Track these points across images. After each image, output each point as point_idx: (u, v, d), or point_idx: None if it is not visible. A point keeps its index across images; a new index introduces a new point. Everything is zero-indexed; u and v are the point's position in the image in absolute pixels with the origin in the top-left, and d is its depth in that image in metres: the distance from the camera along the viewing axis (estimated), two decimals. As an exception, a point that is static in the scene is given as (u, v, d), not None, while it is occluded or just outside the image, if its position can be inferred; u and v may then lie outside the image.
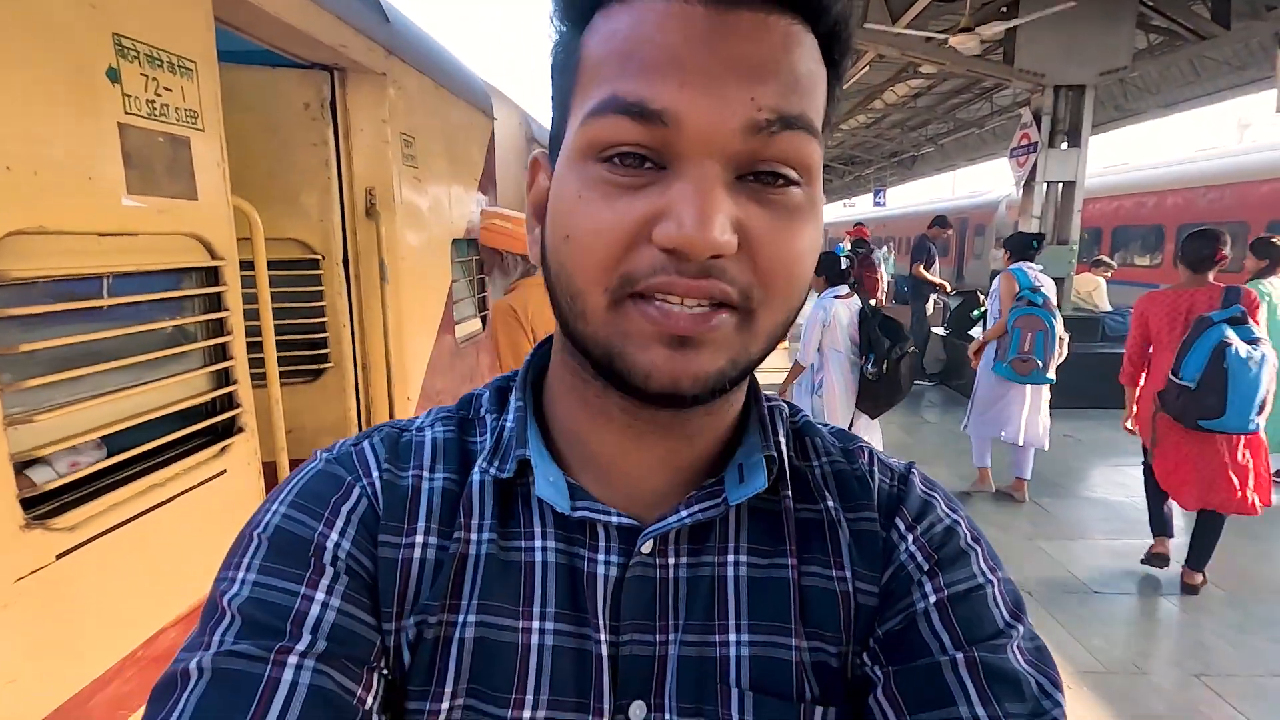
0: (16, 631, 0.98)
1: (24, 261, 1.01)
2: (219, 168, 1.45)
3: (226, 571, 0.39)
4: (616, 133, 0.34)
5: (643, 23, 0.35)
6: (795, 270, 0.37)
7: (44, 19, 1.04)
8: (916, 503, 0.46)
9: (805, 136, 0.36)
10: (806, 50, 0.36)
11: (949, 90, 11.18)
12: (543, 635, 0.40)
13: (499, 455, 0.44)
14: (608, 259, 0.35)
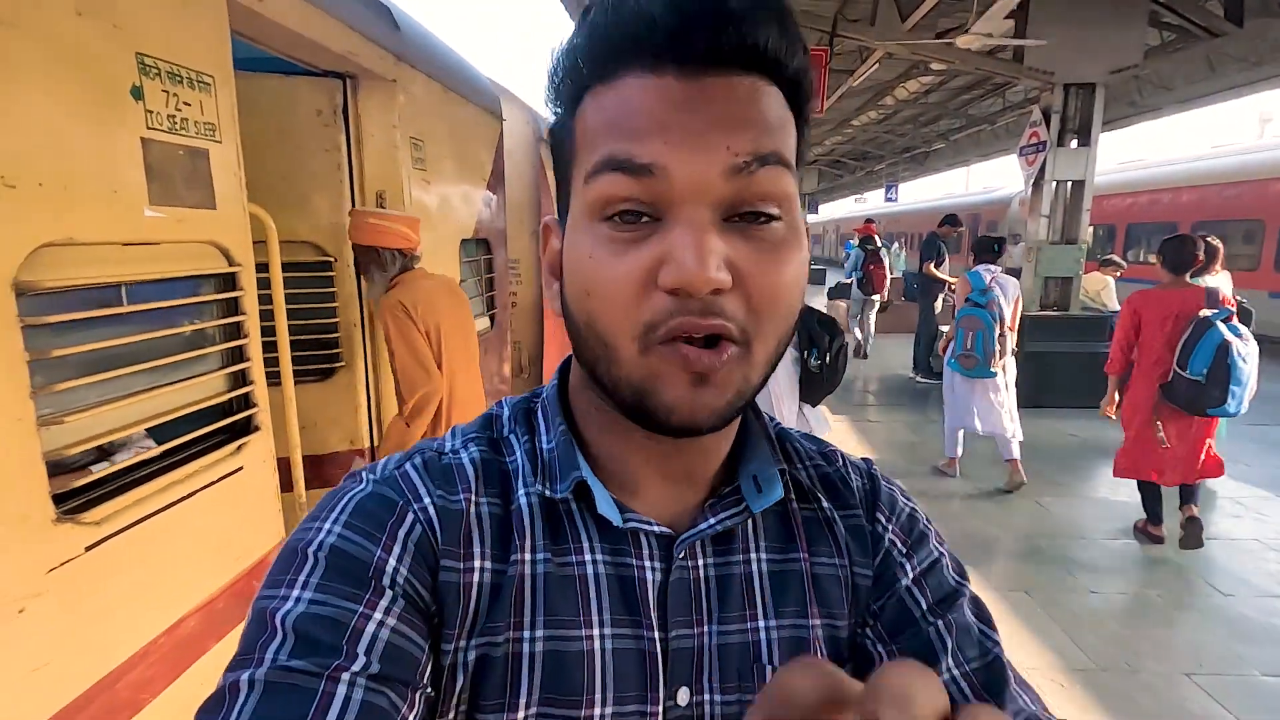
0: (48, 619, 1.05)
1: (55, 272, 1.07)
2: (235, 177, 1.51)
3: (277, 589, 0.39)
4: (613, 188, 0.39)
5: (627, 97, 0.39)
6: (784, 299, 0.40)
7: (72, 41, 1.10)
8: (887, 497, 0.55)
9: (780, 170, 0.39)
10: (772, 100, 0.40)
11: (961, 86, 11.11)
12: (604, 640, 0.44)
13: (548, 476, 0.47)
14: (627, 308, 0.39)
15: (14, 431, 1.00)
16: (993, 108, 12.58)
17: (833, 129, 14.52)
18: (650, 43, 0.38)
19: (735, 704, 0.46)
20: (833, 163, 20.72)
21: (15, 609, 1.00)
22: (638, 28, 0.38)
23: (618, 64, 0.39)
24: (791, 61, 0.40)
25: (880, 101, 11.64)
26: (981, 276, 4.30)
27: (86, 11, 1.12)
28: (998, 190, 18.70)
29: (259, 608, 0.39)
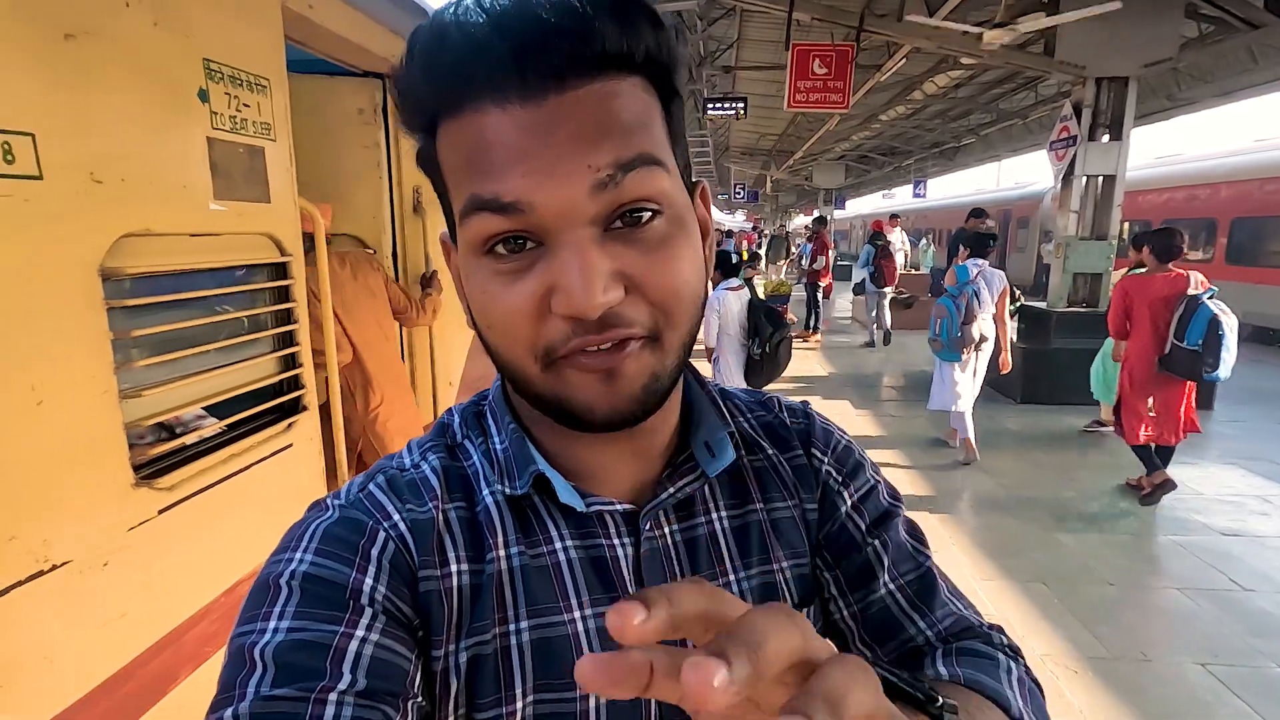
0: (128, 573, 1.16)
1: (134, 259, 1.18)
2: (288, 173, 1.62)
3: (253, 624, 0.39)
4: (488, 226, 0.38)
5: (478, 132, 0.38)
6: (683, 292, 0.41)
7: (150, 50, 1.21)
8: (822, 432, 0.58)
9: (648, 170, 0.38)
10: (625, 96, 0.38)
11: (991, 80, 10.94)
12: (585, 621, 0.45)
13: (505, 474, 0.48)
14: (526, 336, 0.40)
15: (101, 404, 1.11)
16: (1024, 101, 12.36)
17: (859, 124, 14.38)
18: (486, 72, 0.36)
19: None
20: (859, 158, 20.49)
21: (101, 562, 1.11)
22: (471, 57, 0.37)
23: (459, 96, 0.38)
24: (638, 48, 0.38)
25: (908, 96, 11.50)
26: (968, 270, 4.63)
27: (162, 22, 1.22)
28: (1029, 185, 18.36)
29: (235, 646, 0.38)
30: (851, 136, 16.36)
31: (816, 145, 15.81)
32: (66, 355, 1.06)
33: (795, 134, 15.99)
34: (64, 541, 1.05)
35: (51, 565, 1.03)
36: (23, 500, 0.98)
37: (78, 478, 1.08)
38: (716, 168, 26.45)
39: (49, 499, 1.03)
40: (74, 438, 1.07)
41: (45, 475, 1.02)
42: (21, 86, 0.97)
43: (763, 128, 16.12)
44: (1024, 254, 16.88)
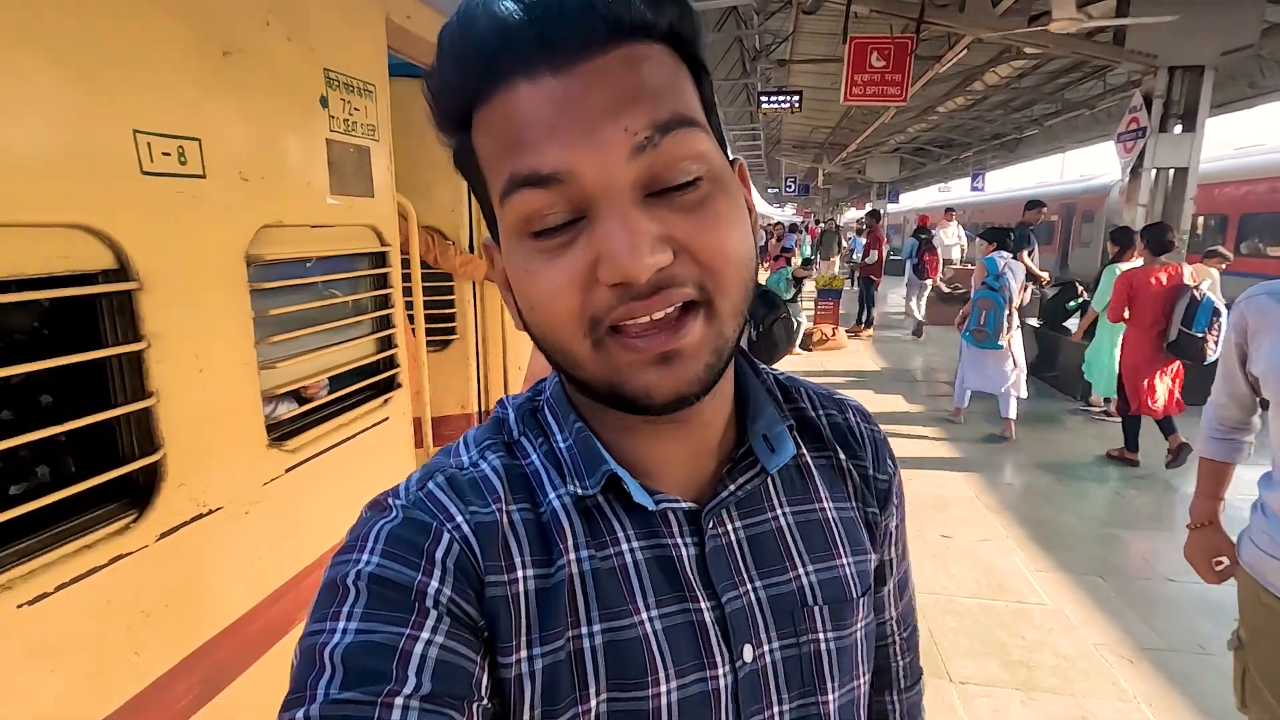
0: (264, 521, 1.33)
1: (270, 248, 1.35)
2: (388, 170, 1.77)
3: (321, 624, 0.39)
4: (529, 203, 0.38)
5: (511, 111, 0.38)
6: (732, 252, 0.40)
7: (283, 63, 1.37)
8: (887, 449, 0.61)
9: (686, 130, 0.38)
10: (654, 62, 0.39)
11: (1057, 70, 10.59)
12: (653, 622, 0.45)
13: (575, 474, 0.47)
14: (572, 311, 0.39)
15: (244, 375, 1.28)
16: (1092, 91, 11.92)
17: (915, 116, 14.09)
18: (514, 53, 0.37)
19: (793, 647, 0.49)
20: (915, 150, 20.05)
21: (243, 510, 1.28)
22: (497, 41, 0.37)
23: (491, 80, 0.38)
24: (661, 17, 0.39)
25: (968, 87, 11.23)
26: (995, 262, 5.07)
27: (293, 37, 1.38)
28: (1096, 178, 17.67)
29: (305, 645, 0.39)
30: (907, 129, 16.03)
31: (871, 138, 15.55)
32: (220, 330, 1.22)
33: (849, 126, 15.76)
34: (218, 490, 1.21)
35: (209, 510, 1.20)
36: (189, 453, 1.15)
37: (228, 436, 1.24)
38: (767, 161, 26.22)
39: (207, 453, 1.19)
40: (225, 401, 1.23)
41: (205, 432, 1.19)
42: (193, 98, 1.14)
43: (815, 120, 15.93)
44: (1089, 249, 16.28)
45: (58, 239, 0.96)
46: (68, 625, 0.97)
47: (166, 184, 1.10)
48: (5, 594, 0.89)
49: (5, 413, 1.08)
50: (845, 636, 0.51)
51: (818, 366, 8.05)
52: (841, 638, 0.51)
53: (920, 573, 3.19)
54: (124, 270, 1.04)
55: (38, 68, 0.91)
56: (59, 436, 1.17)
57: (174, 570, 1.14)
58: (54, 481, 1.02)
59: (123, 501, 1.08)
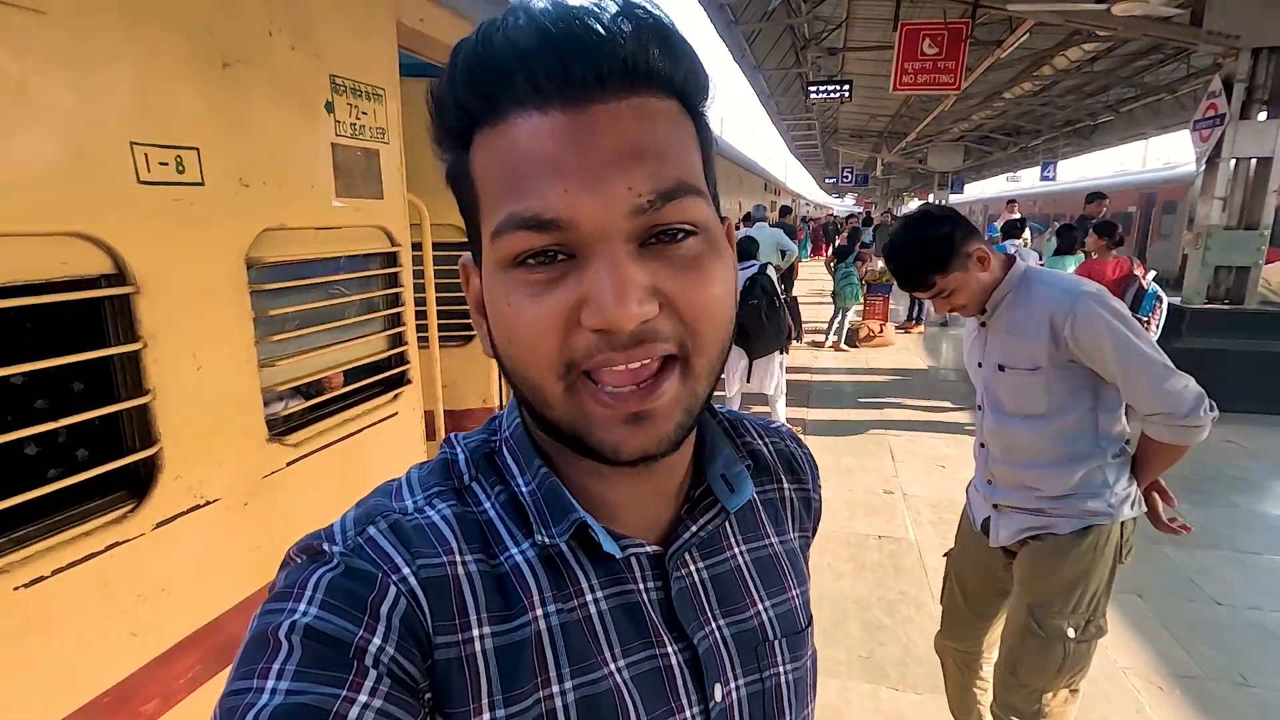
0: (262, 514, 1.39)
1: (271, 250, 1.40)
2: (398, 171, 1.82)
3: (248, 681, 0.36)
4: (522, 243, 0.37)
5: (517, 142, 0.37)
6: (715, 311, 0.40)
7: (287, 72, 1.41)
8: (815, 468, 0.64)
9: (688, 200, 0.38)
10: (664, 117, 0.39)
11: (1134, 52, 9.98)
12: (621, 671, 0.44)
13: (540, 521, 0.45)
14: (550, 350, 0.38)
15: (244, 371, 1.34)
16: (1175, 74, 11.20)
17: (979, 103, 13.53)
18: (529, 79, 0.37)
19: (757, 683, 0.50)
20: (980, 139, 19.24)
21: (242, 502, 1.34)
22: (514, 65, 0.37)
23: (501, 104, 0.38)
24: (676, 71, 0.39)
25: (1036, 72, 10.71)
26: (1006, 249, 5.51)
27: (298, 46, 1.43)
28: (1179, 166, 16.60)
29: (227, 707, 0.35)
30: (971, 116, 15.41)
31: (931, 126, 15.02)
32: (219, 330, 1.28)
33: (909, 115, 15.27)
34: (215, 482, 1.28)
35: (206, 501, 1.26)
36: (186, 447, 1.22)
37: (226, 431, 1.31)
38: (823, 150, 25.63)
39: (205, 447, 1.26)
40: (223, 398, 1.30)
41: (202, 427, 1.25)
42: (191, 109, 1.19)
43: (873, 109, 15.48)
44: (1170, 242, 15.33)
45: (58, 247, 1.02)
46: (64, 607, 1.04)
47: (164, 192, 1.15)
48: (3, 578, 0.96)
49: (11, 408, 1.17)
50: (799, 667, 0.53)
51: (862, 364, 7.86)
52: (797, 668, 0.53)
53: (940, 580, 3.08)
54: (121, 275, 1.10)
55: (38, 86, 0.97)
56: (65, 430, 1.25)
57: (171, 557, 1.21)
58: (61, 472, 1.09)
59: (122, 492, 1.15)
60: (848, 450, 4.93)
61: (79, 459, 1.17)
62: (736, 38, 9.30)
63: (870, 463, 4.68)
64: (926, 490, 4.22)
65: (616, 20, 0.37)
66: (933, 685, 2.38)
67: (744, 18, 8.66)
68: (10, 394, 1.22)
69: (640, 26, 0.37)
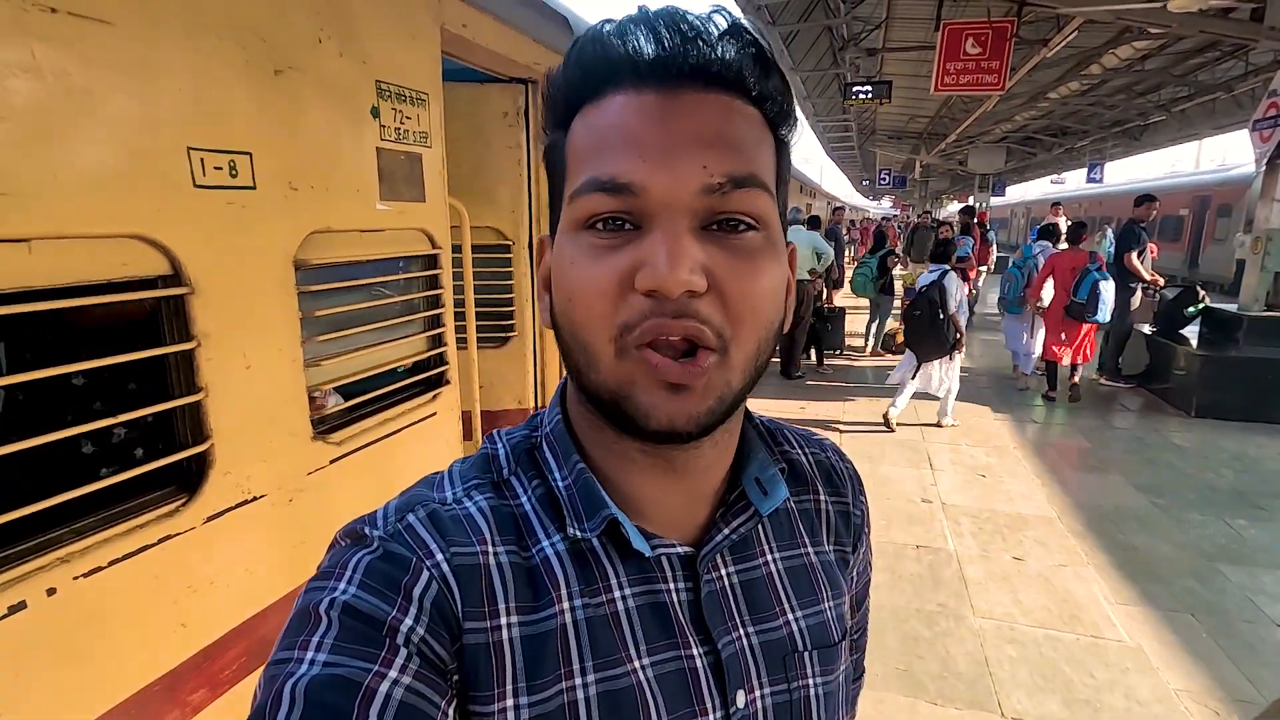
0: (307, 509, 1.42)
1: (318, 252, 1.43)
2: (440, 175, 1.84)
3: (289, 651, 0.38)
4: (596, 205, 0.40)
5: (609, 114, 0.41)
6: (760, 306, 0.42)
7: (335, 78, 1.44)
8: (859, 484, 0.63)
9: (756, 192, 0.41)
10: (746, 119, 0.42)
11: (1188, 50, 9.62)
12: (646, 670, 0.45)
13: (574, 516, 0.46)
14: (605, 310, 0.40)
15: (291, 370, 1.37)
16: (1231, 72, 10.76)
17: (1023, 103, 13.18)
18: (632, 64, 0.41)
19: (784, 693, 0.50)
20: (1023, 140, 18.76)
21: (288, 498, 1.37)
22: (622, 52, 0.41)
23: (604, 83, 0.42)
24: (765, 84, 0.43)
25: (1084, 71, 10.39)
26: (1032, 249, 6.79)
27: (346, 53, 1.46)
28: (1236, 168, 15.95)
29: (270, 675, 0.38)
30: (1014, 117, 15.03)
31: (973, 127, 14.71)
32: (268, 329, 1.31)
33: (949, 115, 14.97)
34: (262, 478, 1.31)
35: (253, 496, 1.29)
36: (235, 444, 1.25)
37: (272, 428, 1.34)
38: (860, 152, 25.30)
39: (252, 444, 1.29)
40: (271, 396, 1.33)
41: (250, 424, 1.28)
42: (245, 115, 1.22)
43: (912, 109, 15.23)
44: (1224, 246, 14.75)
45: (118, 249, 1.06)
46: (119, 597, 1.08)
47: (218, 195, 1.19)
48: (63, 567, 1.00)
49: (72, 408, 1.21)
50: (831, 681, 0.52)
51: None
52: (828, 682, 0.52)
53: (983, 596, 3.02)
54: (177, 276, 1.13)
55: (103, 93, 1.01)
56: (123, 430, 1.29)
57: (220, 551, 1.24)
58: (118, 469, 1.13)
59: (174, 487, 1.19)
60: (884, 458, 4.85)
61: (137, 458, 1.21)
62: (774, 39, 9.24)
63: (908, 471, 4.59)
64: (966, 500, 4.12)
65: (720, 28, 0.41)
66: (971, 700, 2.33)
67: (782, 19, 8.60)
68: (72, 394, 1.27)
69: (740, 39, 0.42)
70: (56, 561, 0.99)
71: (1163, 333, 6.49)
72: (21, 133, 0.91)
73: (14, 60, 0.90)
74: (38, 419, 1.34)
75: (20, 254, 0.92)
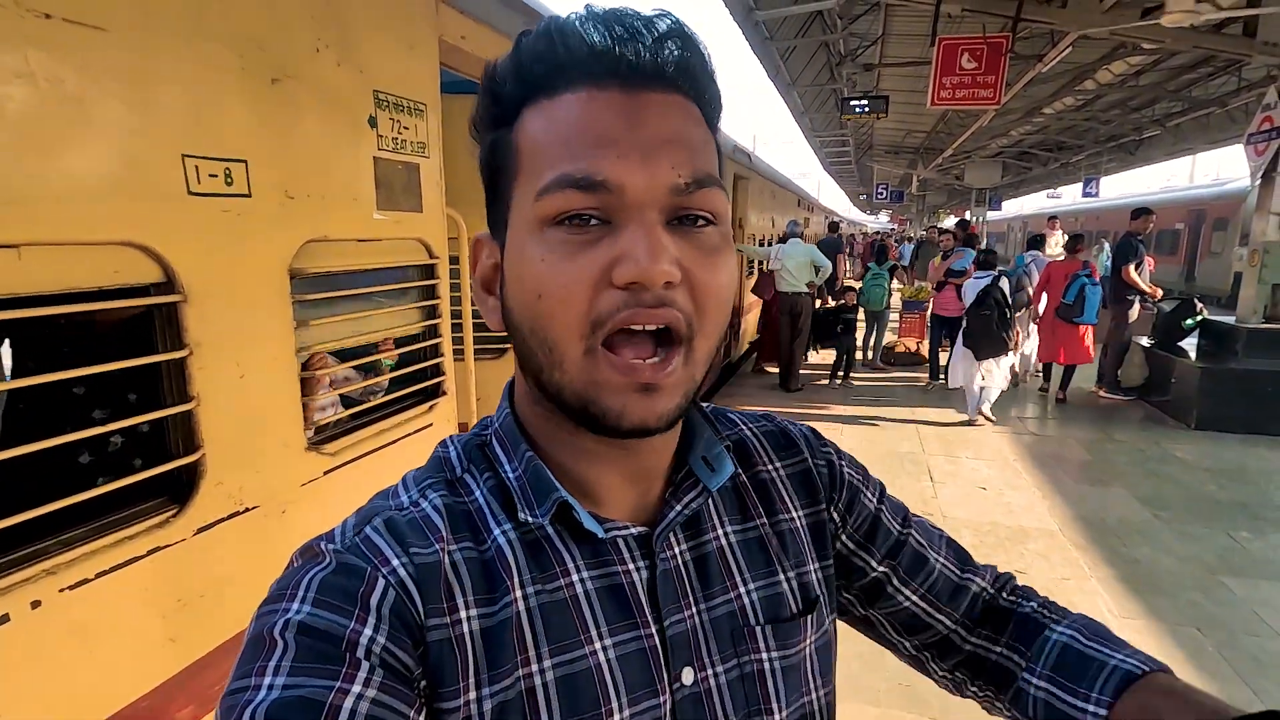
0: (300, 521, 1.40)
1: (315, 261, 1.42)
2: (438, 186, 1.84)
3: (245, 679, 0.37)
4: (569, 203, 0.40)
5: (574, 111, 0.41)
6: (723, 297, 0.44)
7: (332, 88, 1.44)
8: (829, 442, 0.63)
9: (715, 190, 0.43)
10: (696, 121, 0.44)
11: (1181, 65, 9.69)
12: (606, 651, 0.45)
13: (525, 503, 0.47)
14: (580, 307, 0.40)
15: (285, 380, 1.36)
16: (1224, 87, 10.83)
17: (1019, 118, 13.26)
18: (591, 59, 0.41)
19: (735, 669, 0.50)
20: (1019, 154, 18.87)
21: (280, 509, 1.35)
22: (579, 44, 0.41)
23: (560, 78, 0.42)
24: (710, 85, 0.45)
25: (1078, 86, 10.46)
26: (1024, 258, 7.27)
27: (343, 63, 1.46)
28: (1230, 182, 16.06)
29: (226, 706, 0.36)
30: (1010, 131, 15.13)
31: (969, 142, 14.80)
32: (262, 339, 1.30)
33: (945, 130, 15.07)
34: (254, 489, 1.29)
35: (245, 508, 1.27)
36: (227, 454, 1.23)
37: (266, 439, 1.32)
38: (858, 167, 25.46)
39: (246, 454, 1.27)
40: (265, 406, 1.31)
41: (243, 435, 1.26)
42: (241, 123, 1.22)
43: (909, 124, 15.33)
44: (1220, 260, 14.81)
45: (111, 255, 1.05)
46: (106, 611, 1.05)
47: (213, 203, 1.18)
48: (49, 579, 0.98)
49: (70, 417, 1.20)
50: (792, 654, 0.52)
51: (898, 381, 7.70)
52: (787, 656, 0.52)
53: (990, 608, 2.97)
54: (170, 284, 1.12)
55: (97, 99, 1.00)
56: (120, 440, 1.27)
57: (210, 563, 1.22)
58: (112, 479, 1.11)
59: (164, 498, 1.17)
60: (884, 470, 4.82)
61: (135, 468, 1.19)
62: (771, 55, 9.29)
63: (908, 483, 4.56)
64: (968, 513, 4.09)
65: (667, 30, 0.43)
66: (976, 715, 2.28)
67: (779, 34, 8.66)
68: (68, 403, 1.25)
69: (685, 41, 0.43)
70: (42, 573, 0.97)
71: (1161, 345, 6.48)
72: (13, 138, 0.91)
73: (8, 65, 0.90)
74: (29, 427, 1.32)
75: (9, 260, 0.91)
